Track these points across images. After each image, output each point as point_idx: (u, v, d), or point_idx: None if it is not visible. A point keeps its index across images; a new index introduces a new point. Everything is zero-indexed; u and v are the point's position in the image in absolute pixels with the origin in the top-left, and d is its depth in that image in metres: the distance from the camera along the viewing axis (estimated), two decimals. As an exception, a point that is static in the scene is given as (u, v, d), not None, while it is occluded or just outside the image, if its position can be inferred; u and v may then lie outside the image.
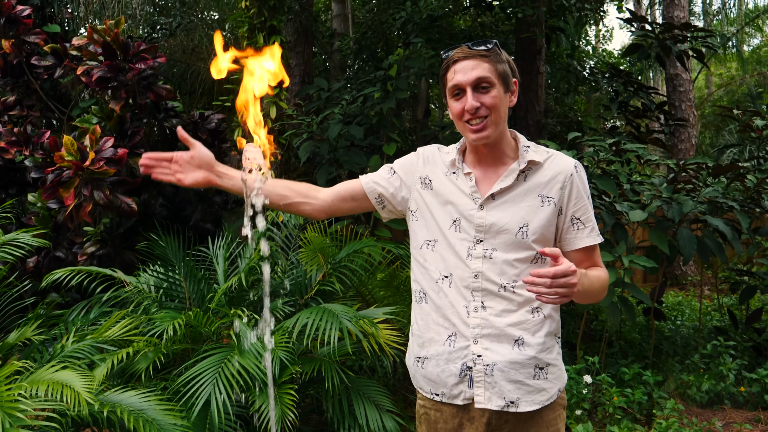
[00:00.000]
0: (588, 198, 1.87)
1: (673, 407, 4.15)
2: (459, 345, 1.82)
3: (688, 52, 6.87)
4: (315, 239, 4.03)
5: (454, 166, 1.89)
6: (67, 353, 3.22)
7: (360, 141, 5.72)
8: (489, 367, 1.78)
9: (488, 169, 1.87)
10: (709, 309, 7.48)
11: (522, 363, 1.79)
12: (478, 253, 1.80)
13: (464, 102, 1.77)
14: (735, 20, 19.05)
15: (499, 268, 1.79)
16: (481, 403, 1.79)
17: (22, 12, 5.27)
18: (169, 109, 5.35)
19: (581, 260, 1.86)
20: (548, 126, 7.36)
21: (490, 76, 1.76)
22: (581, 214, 1.84)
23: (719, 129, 16.21)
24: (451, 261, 1.84)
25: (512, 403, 1.78)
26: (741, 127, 5.98)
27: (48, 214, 4.76)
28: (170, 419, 2.81)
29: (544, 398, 1.82)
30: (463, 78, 1.76)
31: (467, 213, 1.83)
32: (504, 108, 1.80)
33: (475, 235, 1.81)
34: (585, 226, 1.84)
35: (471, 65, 1.76)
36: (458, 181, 1.87)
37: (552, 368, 1.84)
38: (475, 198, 1.83)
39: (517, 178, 1.82)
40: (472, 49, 1.78)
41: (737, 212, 4.66)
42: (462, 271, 1.82)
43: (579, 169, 1.86)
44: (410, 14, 6.47)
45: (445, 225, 1.86)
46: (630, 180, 5.02)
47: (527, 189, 1.82)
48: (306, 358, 3.53)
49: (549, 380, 1.83)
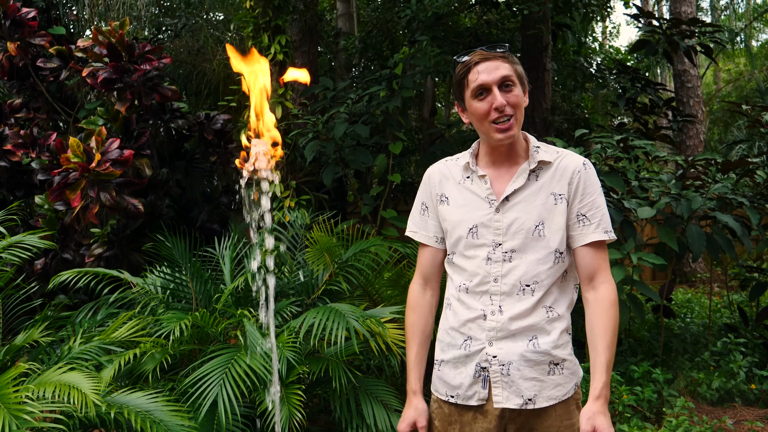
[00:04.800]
0: (598, 195, 1.88)
1: (683, 405, 4.12)
2: (474, 348, 1.87)
3: (696, 48, 6.82)
4: (322, 239, 4.02)
5: (468, 169, 1.93)
6: (75, 355, 3.22)
7: (366, 140, 5.71)
8: (505, 366, 1.82)
9: (502, 169, 1.90)
10: (719, 306, 7.43)
11: (536, 360, 1.82)
12: (498, 257, 1.84)
13: (490, 101, 1.80)
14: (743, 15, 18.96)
15: (519, 270, 1.83)
16: (500, 402, 1.83)
17: (27, 14, 5.28)
18: (174, 110, 5.36)
19: (588, 258, 1.85)
20: (555, 123, 7.33)
21: (512, 75, 1.82)
22: (587, 210, 1.85)
23: (728, 125, 16.10)
24: (470, 268, 1.88)
25: (530, 401, 1.82)
26: (750, 122, 5.93)
27: (55, 216, 4.77)
28: (177, 420, 2.81)
29: (561, 393, 1.85)
30: (489, 77, 1.80)
31: (485, 218, 1.86)
32: (523, 107, 1.86)
33: (494, 239, 1.85)
34: (590, 222, 1.84)
35: (494, 65, 1.81)
36: (473, 186, 1.91)
37: (567, 363, 1.87)
38: (491, 201, 1.87)
39: (528, 177, 1.86)
40: (491, 51, 1.83)
41: (747, 208, 4.62)
42: (481, 278, 1.86)
43: (587, 166, 1.88)
44: (415, 12, 6.45)
45: (462, 234, 1.90)
46: (638, 177, 4.99)
47: (539, 188, 1.85)
48: (313, 358, 3.52)
49: (565, 375, 1.86)
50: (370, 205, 5.69)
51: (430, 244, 2.03)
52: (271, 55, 5.81)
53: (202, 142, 5.40)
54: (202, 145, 5.44)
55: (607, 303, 1.82)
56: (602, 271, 1.86)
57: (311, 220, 4.54)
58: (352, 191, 6.18)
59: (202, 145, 5.45)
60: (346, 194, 7.03)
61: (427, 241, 2.03)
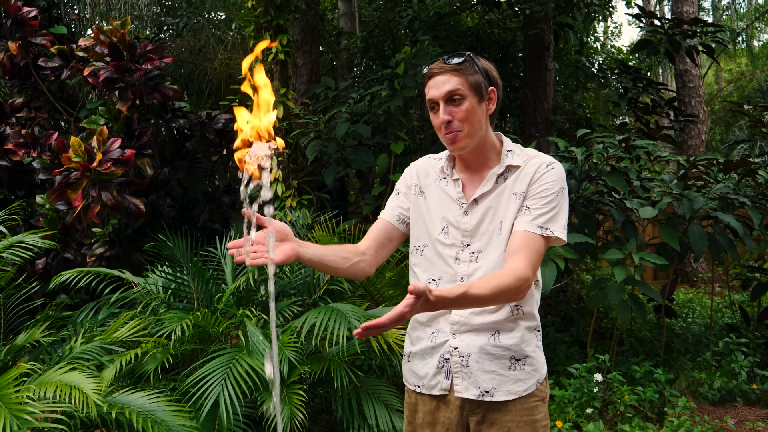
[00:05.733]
0: (551, 193, 1.85)
1: (684, 405, 4.12)
2: (439, 340, 1.92)
3: (697, 48, 6.81)
4: (323, 239, 4.02)
5: (444, 172, 1.99)
6: (76, 355, 3.22)
7: (367, 140, 5.70)
8: (465, 358, 1.88)
9: (474, 174, 1.95)
10: (721, 306, 7.43)
11: (496, 354, 1.88)
12: (465, 258, 1.90)
13: (439, 115, 1.85)
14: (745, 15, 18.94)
15: (483, 269, 1.87)
16: (459, 392, 1.90)
17: (29, 13, 5.28)
18: (176, 109, 5.35)
19: (515, 244, 1.82)
20: (557, 123, 7.31)
21: (461, 89, 1.83)
22: (532, 203, 1.85)
23: (729, 125, 16.08)
24: (438, 265, 1.93)
25: (487, 393, 1.88)
26: (751, 122, 5.92)
27: (56, 216, 4.77)
28: (179, 420, 2.81)
29: (521, 389, 1.89)
30: (436, 93, 1.84)
31: (454, 219, 1.92)
32: (478, 117, 1.86)
33: (463, 240, 1.90)
34: (529, 213, 1.84)
35: (443, 80, 1.84)
36: (447, 187, 1.97)
37: (530, 360, 1.91)
38: (461, 204, 1.92)
39: (497, 181, 1.90)
40: (445, 63, 1.85)
41: (749, 208, 4.62)
42: (449, 276, 1.91)
43: (552, 166, 1.88)
44: (417, 12, 6.45)
45: (435, 231, 1.95)
46: (640, 177, 4.99)
47: (504, 189, 1.90)
48: (315, 358, 3.52)
49: (526, 371, 1.91)
50: (371, 205, 5.69)
51: (390, 220, 2.03)
52: (273, 55, 5.80)
53: (203, 141, 5.40)
54: (203, 144, 5.44)
55: (507, 271, 1.75)
56: (520, 258, 1.78)
57: (313, 220, 4.54)
58: (354, 191, 6.18)
59: (203, 145, 5.45)
60: (347, 194, 7.03)
61: (389, 217, 2.03)
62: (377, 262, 2.02)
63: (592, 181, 4.78)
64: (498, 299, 1.73)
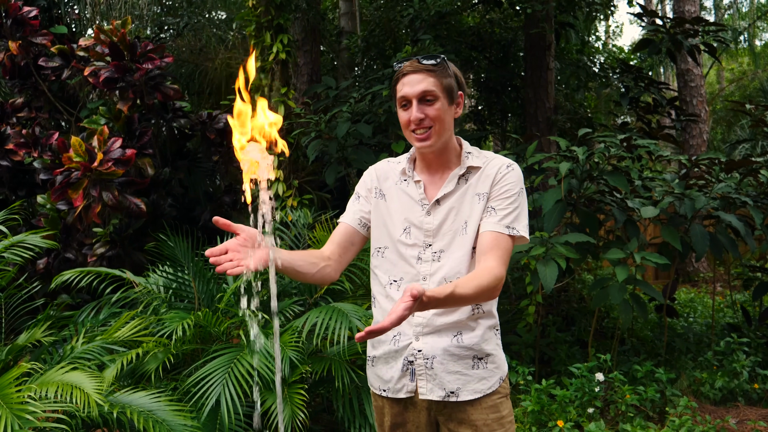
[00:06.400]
0: (513, 194, 1.91)
1: (686, 405, 4.11)
2: (403, 343, 1.93)
3: (699, 47, 6.81)
4: (324, 238, 4.01)
5: (405, 174, 2.02)
6: (77, 354, 3.22)
7: (368, 139, 5.70)
8: (429, 360, 1.90)
9: (435, 175, 1.99)
10: (722, 306, 7.42)
11: (460, 355, 1.91)
12: (428, 257, 1.93)
13: (410, 113, 1.89)
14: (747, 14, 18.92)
15: (445, 268, 1.90)
16: (424, 394, 1.92)
17: (29, 13, 5.28)
18: (177, 109, 5.35)
19: (486, 244, 1.86)
20: (558, 122, 7.31)
21: (435, 89, 1.88)
22: (497, 204, 1.90)
23: (731, 124, 16.06)
24: (400, 266, 1.96)
25: (452, 393, 1.91)
26: (753, 122, 5.91)
27: (57, 216, 4.77)
28: (180, 420, 2.80)
29: (485, 387, 1.93)
30: (410, 90, 1.88)
31: (416, 220, 1.95)
32: (448, 119, 1.92)
33: (425, 240, 1.94)
34: (495, 214, 1.89)
35: (418, 79, 1.88)
36: (408, 189, 2.00)
37: (491, 358, 1.95)
38: (423, 204, 1.95)
39: (458, 182, 1.95)
40: (420, 63, 1.89)
41: (750, 208, 4.61)
42: (411, 276, 1.94)
43: (512, 168, 1.95)
44: (418, 11, 6.44)
45: (396, 232, 1.97)
46: (641, 176, 4.98)
47: (466, 190, 1.94)
48: (316, 357, 3.52)
49: (489, 369, 1.95)
50: (372, 205, 5.68)
51: (352, 224, 2.04)
52: (274, 54, 5.80)
53: (204, 141, 5.40)
54: (204, 144, 5.44)
55: (485, 271, 1.78)
56: (492, 257, 1.82)
57: (314, 220, 4.54)
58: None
59: (204, 145, 5.45)
60: (348, 193, 7.02)
61: (350, 221, 2.04)
62: (341, 266, 2.03)
63: (593, 180, 4.78)
64: (479, 298, 1.77)
